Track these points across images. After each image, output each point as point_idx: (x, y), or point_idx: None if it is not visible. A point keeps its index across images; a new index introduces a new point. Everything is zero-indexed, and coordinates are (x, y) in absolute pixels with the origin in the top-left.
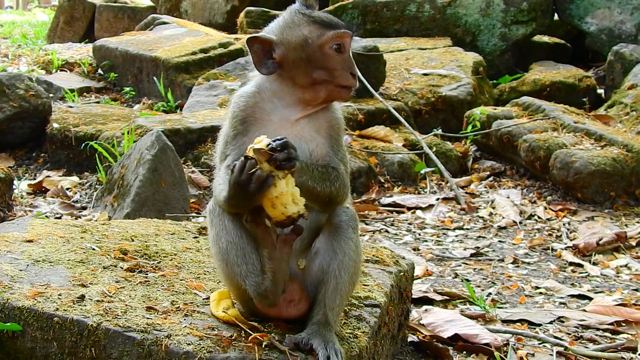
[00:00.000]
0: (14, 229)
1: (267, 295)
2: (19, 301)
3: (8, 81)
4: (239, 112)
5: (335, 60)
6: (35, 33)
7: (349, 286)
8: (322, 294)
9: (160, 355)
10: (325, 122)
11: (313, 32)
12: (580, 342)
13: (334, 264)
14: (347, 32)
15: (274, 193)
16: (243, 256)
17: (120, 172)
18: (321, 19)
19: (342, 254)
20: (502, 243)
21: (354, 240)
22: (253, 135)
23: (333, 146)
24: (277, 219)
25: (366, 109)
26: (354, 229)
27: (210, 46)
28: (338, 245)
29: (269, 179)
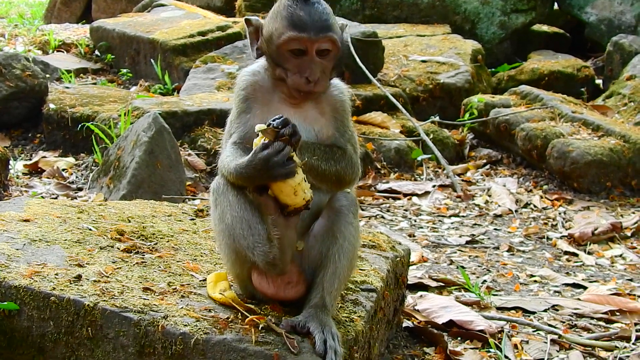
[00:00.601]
0: (10, 208)
1: (276, 263)
2: (15, 280)
3: (4, 61)
4: (241, 90)
5: (292, 62)
6: (32, 13)
7: (347, 271)
8: (320, 277)
9: (156, 336)
10: (329, 104)
11: (278, 29)
12: (574, 331)
13: (333, 248)
14: (306, 38)
15: (297, 180)
16: (249, 228)
17: (116, 153)
18: (291, 16)
19: (342, 238)
20: (498, 231)
21: (354, 225)
22: (256, 113)
23: (339, 127)
24: (297, 205)
25: (364, 95)
26: (354, 214)
27: (208, 29)
28: (338, 229)
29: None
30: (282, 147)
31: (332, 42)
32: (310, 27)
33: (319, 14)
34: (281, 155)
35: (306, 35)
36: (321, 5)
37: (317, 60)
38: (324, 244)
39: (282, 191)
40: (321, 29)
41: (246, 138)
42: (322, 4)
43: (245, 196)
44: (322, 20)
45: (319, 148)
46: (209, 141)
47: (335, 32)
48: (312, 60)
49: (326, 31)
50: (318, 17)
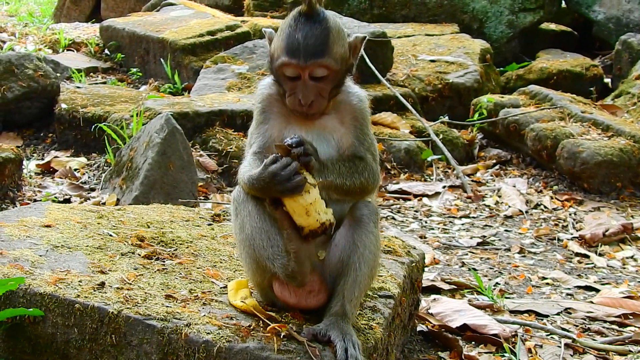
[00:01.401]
0: (31, 214)
1: (295, 275)
2: (40, 287)
3: (17, 61)
4: (258, 103)
5: (288, 84)
6: (41, 11)
7: (367, 279)
8: (341, 285)
9: (179, 344)
10: (348, 113)
11: (277, 50)
12: (587, 334)
13: (354, 256)
14: (296, 64)
15: (309, 200)
16: (268, 239)
17: (129, 154)
18: (288, 38)
19: (363, 247)
20: (509, 232)
21: (374, 234)
22: (274, 124)
23: (358, 136)
24: (311, 227)
25: (373, 95)
26: (374, 222)
27: (217, 28)
28: (359, 238)
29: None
30: (289, 162)
31: (326, 68)
32: (302, 53)
33: (315, 38)
34: (288, 169)
35: (296, 62)
36: (321, 25)
37: (311, 84)
38: (344, 253)
39: (294, 211)
40: (313, 54)
41: (265, 148)
42: (323, 23)
43: (264, 207)
44: (316, 45)
45: (343, 165)
46: (221, 142)
47: (330, 55)
48: (305, 85)
49: (318, 57)
50: (312, 42)
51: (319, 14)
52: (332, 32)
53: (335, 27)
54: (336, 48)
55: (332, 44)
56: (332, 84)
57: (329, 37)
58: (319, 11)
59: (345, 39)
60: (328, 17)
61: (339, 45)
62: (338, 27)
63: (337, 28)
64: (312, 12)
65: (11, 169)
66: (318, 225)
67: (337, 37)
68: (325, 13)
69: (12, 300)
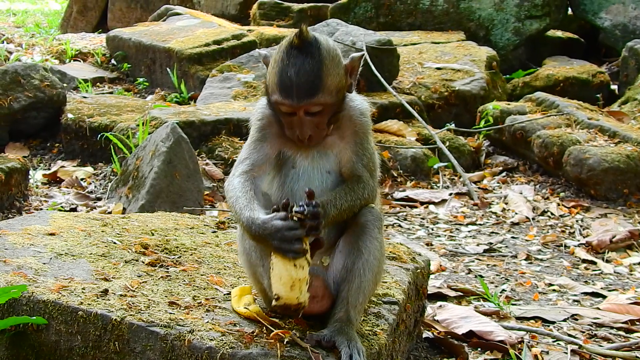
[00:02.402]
0: (35, 222)
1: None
2: (43, 295)
3: (23, 71)
4: (257, 121)
5: (284, 117)
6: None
7: (372, 285)
8: (345, 291)
9: (183, 350)
10: (348, 127)
11: (271, 84)
12: (594, 341)
13: (358, 262)
14: (289, 104)
15: (300, 275)
16: (260, 258)
17: (135, 163)
18: (281, 75)
19: (368, 253)
20: (515, 239)
21: (378, 240)
22: (272, 142)
23: (358, 151)
24: (289, 301)
25: (379, 103)
26: (379, 229)
27: (223, 38)
28: (364, 244)
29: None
30: (296, 226)
31: (320, 104)
32: (295, 93)
33: (307, 74)
34: (292, 233)
35: (290, 102)
36: (313, 58)
37: (307, 120)
38: (349, 259)
39: (280, 277)
40: (307, 93)
41: (257, 166)
42: (315, 55)
43: None
44: (308, 82)
45: (343, 199)
46: (227, 150)
47: (325, 91)
48: (301, 121)
49: (312, 96)
50: (305, 79)
51: (311, 45)
52: (325, 64)
53: (329, 56)
54: (330, 80)
55: (326, 77)
56: (330, 114)
57: (322, 72)
58: (311, 42)
59: (340, 65)
60: (321, 46)
61: (334, 76)
62: (333, 55)
63: (332, 56)
64: (303, 44)
65: (18, 179)
66: (295, 303)
67: (332, 68)
68: (319, 41)
69: (15, 308)
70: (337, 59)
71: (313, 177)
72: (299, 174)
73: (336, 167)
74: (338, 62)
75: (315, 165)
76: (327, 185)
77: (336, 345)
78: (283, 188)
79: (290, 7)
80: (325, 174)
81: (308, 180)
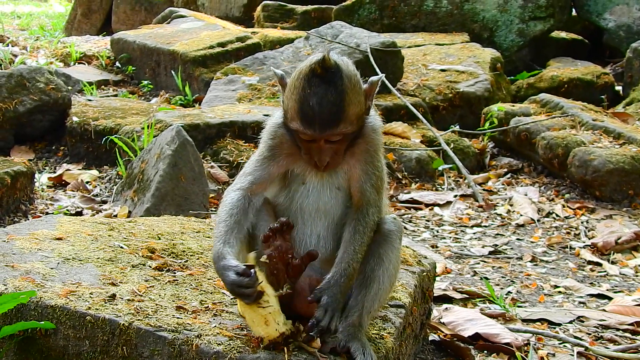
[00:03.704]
0: (43, 227)
1: None
2: (51, 300)
3: (29, 74)
4: (269, 139)
5: (303, 143)
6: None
7: (387, 293)
8: (361, 296)
9: (190, 355)
10: (360, 145)
11: (291, 111)
12: (600, 343)
13: (378, 269)
14: (311, 134)
15: (268, 310)
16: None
17: (140, 166)
18: (302, 103)
19: (388, 261)
20: (520, 241)
21: (399, 250)
22: (280, 162)
23: (367, 170)
24: (271, 337)
25: (384, 105)
26: (400, 239)
27: (227, 40)
28: (385, 252)
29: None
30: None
31: (342, 134)
32: (317, 123)
33: (330, 105)
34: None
35: (312, 132)
36: (336, 88)
37: (327, 147)
38: (368, 265)
39: (253, 321)
40: (329, 124)
41: (257, 183)
42: (338, 85)
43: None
44: (331, 113)
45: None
46: (232, 153)
47: (347, 121)
48: (320, 149)
49: (334, 127)
50: (327, 110)
51: (334, 73)
52: (348, 93)
53: (350, 84)
54: (352, 109)
55: (347, 107)
56: (349, 140)
57: (345, 102)
58: (334, 70)
59: (361, 92)
60: (344, 74)
61: (355, 104)
62: (354, 83)
63: (353, 84)
64: (326, 73)
65: (23, 183)
66: (277, 335)
67: (353, 97)
68: (341, 69)
69: (23, 313)
70: (357, 85)
71: (322, 193)
72: (308, 190)
73: (346, 184)
74: (359, 89)
75: (325, 183)
76: (338, 201)
77: (351, 351)
78: (292, 202)
79: (294, 9)
80: (335, 190)
81: (317, 196)
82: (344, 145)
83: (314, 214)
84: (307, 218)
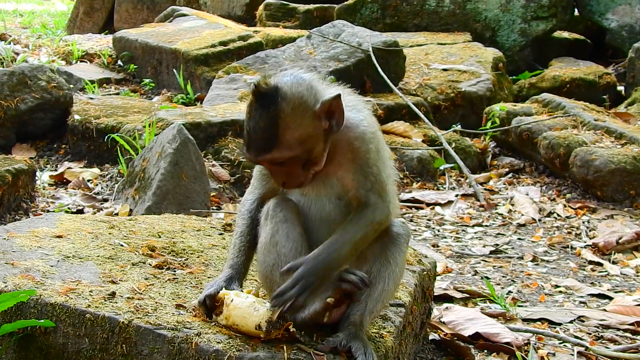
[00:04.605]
0: (43, 224)
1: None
2: (51, 297)
3: (30, 72)
4: None
5: None
6: (55, 23)
7: (390, 296)
8: (365, 296)
9: (190, 353)
10: (344, 152)
11: None
12: (600, 342)
13: (384, 271)
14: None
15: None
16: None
17: (141, 165)
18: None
19: (395, 264)
20: (522, 240)
21: (405, 253)
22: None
23: (359, 177)
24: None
25: (385, 104)
26: (407, 243)
27: (229, 39)
28: (392, 255)
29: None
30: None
31: (280, 158)
32: (252, 148)
33: (261, 131)
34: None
35: (249, 156)
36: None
37: (276, 169)
38: (375, 266)
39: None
40: (262, 149)
41: (267, 194)
42: (272, 108)
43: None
44: (263, 139)
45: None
46: (233, 152)
47: (282, 146)
48: (270, 171)
49: (267, 152)
50: (259, 136)
51: (269, 97)
52: (283, 117)
53: (289, 107)
54: (290, 134)
55: (283, 132)
56: (302, 162)
57: (279, 127)
58: (269, 94)
59: (307, 114)
60: (283, 96)
61: (295, 128)
62: (296, 105)
63: (294, 107)
64: (260, 97)
65: (24, 181)
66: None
67: (293, 121)
68: (280, 91)
69: (23, 310)
70: (301, 108)
71: (323, 204)
72: (310, 200)
73: (343, 193)
74: (303, 111)
75: (323, 194)
76: (341, 210)
77: (352, 351)
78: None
79: (297, 8)
80: (335, 200)
81: (319, 207)
82: (295, 167)
83: (318, 223)
84: (312, 227)
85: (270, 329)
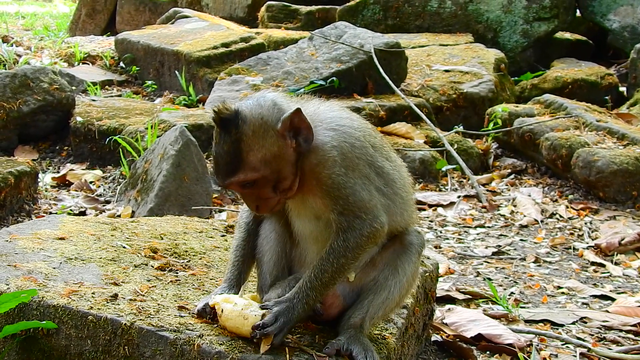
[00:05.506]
0: (45, 226)
1: None
2: (53, 299)
3: (33, 75)
4: None
5: None
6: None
7: (394, 305)
8: (368, 300)
9: (192, 355)
10: (311, 178)
11: None
12: (603, 344)
13: (391, 279)
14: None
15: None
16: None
17: (144, 166)
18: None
19: (403, 273)
20: (524, 242)
21: (416, 265)
22: None
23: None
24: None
25: (387, 105)
26: (419, 254)
27: (231, 40)
28: (401, 264)
29: None
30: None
31: (247, 181)
32: (219, 173)
33: (224, 155)
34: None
35: (217, 181)
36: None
37: (246, 193)
38: (382, 273)
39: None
40: (228, 174)
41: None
42: (232, 132)
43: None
44: (226, 163)
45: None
46: None
47: (248, 167)
48: (242, 195)
49: (233, 176)
50: (223, 160)
51: (229, 122)
52: (245, 139)
53: (250, 130)
54: (253, 156)
55: (246, 154)
56: (272, 182)
57: (242, 149)
58: (228, 118)
59: (269, 134)
60: (242, 120)
61: (258, 150)
62: (257, 125)
63: (256, 126)
64: (221, 122)
65: (27, 182)
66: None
67: (255, 142)
68: (240, 115)
69: (25, 312)
70: (262, 128)
71: (307, 222)
72: (296, 217)
73: (320, 214)
74: (264, 131)
75: (302, 214)
76: (324, 228)
77: (353, 354)
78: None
79: (299, 10)
80: (314, 220)
81: (304, 224)
82: (265, 189)
83: (307, 239)
84: (302, 242)
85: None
